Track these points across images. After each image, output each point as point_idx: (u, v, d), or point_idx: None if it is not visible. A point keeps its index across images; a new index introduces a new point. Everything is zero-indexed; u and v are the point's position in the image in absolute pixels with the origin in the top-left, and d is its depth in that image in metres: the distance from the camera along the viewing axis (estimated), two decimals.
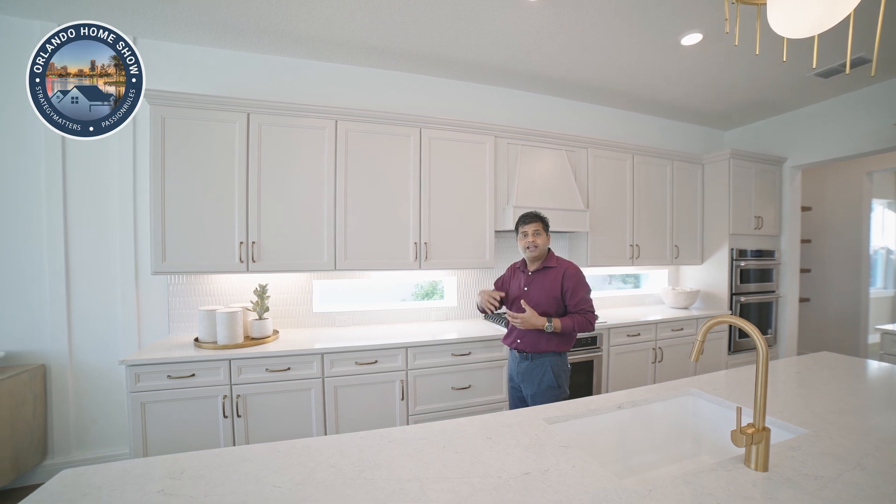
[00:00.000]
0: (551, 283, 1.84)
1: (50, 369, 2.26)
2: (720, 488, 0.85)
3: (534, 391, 1.83)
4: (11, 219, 2.19)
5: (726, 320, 1.00)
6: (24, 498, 0.82)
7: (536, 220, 1.86)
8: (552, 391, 1.81)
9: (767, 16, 0.91)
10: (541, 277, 1.87)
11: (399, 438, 1.09)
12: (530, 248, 1.86)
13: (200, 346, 2.10)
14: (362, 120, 2.45)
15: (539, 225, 1.86)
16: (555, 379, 1.81)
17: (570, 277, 1.83)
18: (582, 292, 1.82)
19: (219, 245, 2.22)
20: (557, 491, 0.84)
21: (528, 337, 1.83)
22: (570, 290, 1.81)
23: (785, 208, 3.70)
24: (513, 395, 1.99)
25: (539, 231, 1.85)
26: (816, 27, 0.85)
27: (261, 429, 2.05)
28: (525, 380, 1.86)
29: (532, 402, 1.84)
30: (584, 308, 1.82)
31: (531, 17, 2.22)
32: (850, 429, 1.13)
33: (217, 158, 2.21)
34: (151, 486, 0.87)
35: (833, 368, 1.72)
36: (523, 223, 1.88)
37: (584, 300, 1.82)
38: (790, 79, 2.98)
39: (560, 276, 1.84)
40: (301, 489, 0.85)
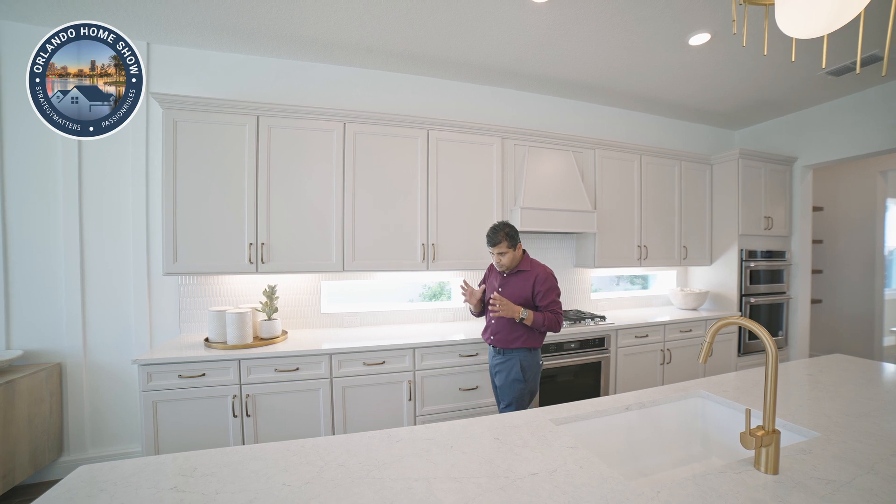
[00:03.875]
0: (523, 285, 1.97)
1: (65, 368, 2.31)
2: (729, 490, 0.84)
3: (502, 383, 1.99)
4: (30, 222, 2.25)
5: (735, 321, 1.00)
6: (43, 493, 0.84)
7: (499, 243, 1.95)
8: (517, 384, 1.94)
9: (775, 16, 0.90)
10: (514, 280, 2.00)
11: (407, 438, 1.09)
12: (498, 266, 2.02)
13: (211, 347, 2.13)
14: (370, 122, 2.48)
15: (503, 245, 1.95)
16: (521, 373, 1.94)
17: (541, 282, 1.95)
18: (552, 296, 1.96)
19: (229, 246, 2.25)
20: (565, 492, 0.84)
21: (502, 333, 1.97)
22: (542, 293, 1.94)
23: (796, 208, 3.65)
24: (494, 388, 2.13)
25: (503, 251, 1.95)
26: (825, 27, 0.84)
27: (270, 428, 2.07)
28: (498, 373, 2.01)
29: (500, 393, 2.02)
30: (554, 309, 1.95)
31: (539, 18, 2.22)
32: (863, 432, 1.11)
33: (227, 161, 2.24)
34: (164, 482, 0.88)
35: (846, 371, 1.70)
36: (489, 245, 1.98)
37: (554, 302, 1.96)
38: (800, 77, 2.94)
39: (532, 279, 1.96)
40: (310, 487, 0.87)
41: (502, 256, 1.96)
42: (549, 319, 1.92)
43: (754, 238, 3.48)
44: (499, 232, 1.95)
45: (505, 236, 1.94)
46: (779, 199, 3.59)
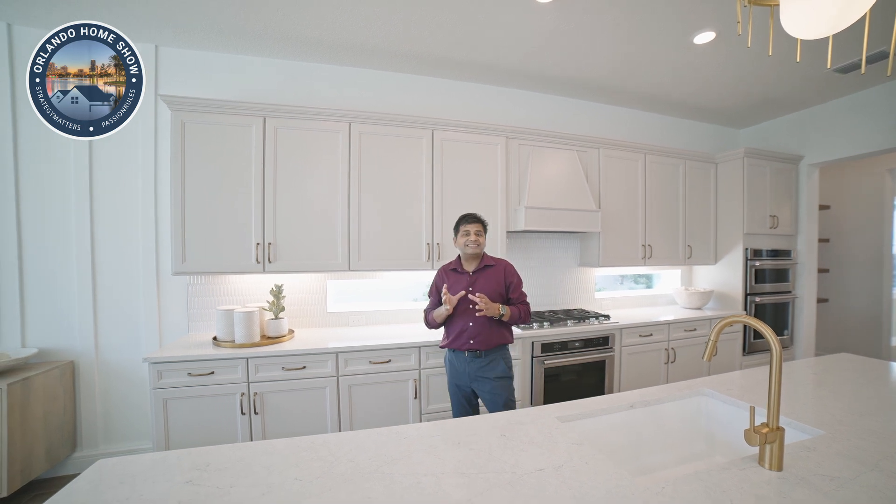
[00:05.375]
0: (496, 280, 1.94)
1: (78, 366, 2.36)
2: (733, 486, 0.85)
3: (490, 385, 1.88)
4: (44, 224, 2.29)
5: (740, 320, 1.01)
6: (63, 486, 0.87)
7: (478, 222, 1.94)
8: (506, 381, 1.91)
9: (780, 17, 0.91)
10: (484, 276, 1.94)
11: (414, 435, 1.11)
12: (470, 246, 1.91)
13: (219, 345, 2.16)
14: (375, 122, 2.50)
15: (480, 226, 1.94)
16: (506, 368, 1.92)
17: (511, 273, 1.96)
18: (521, 286, 1.98)
19: (236, 246, 2.28)
20: (571, 487, 0.86)
21: (483, 335, 1.88)
22: (514, 284, 1.95)
23: (801, 207, 3.63)
24: (459, 398, 1.97)
25: (480, 232, 1.93)
26: (830, 28, 0.85)
27: (277, 426, 2.10)
28: (478, 378, 1.90)
29: (491, 398, 1.88)
30: (524, 300, 1.97)
31: (543, 18, 2.22)
32: (868, 431, 1.12)
33: (234, 162, 2.27)
34: (179, 476, 0.91)
35: (851, 370, 1.70)
36: (465, 223, 1.93)
37: (523, 294, 1.98)
38: (806, 76, 2.93)
39: (502, 272, 1.95)
40: (322, 482, 0.89)
41: (479, 236, 1.91)
42: (524, 312, 1.93)
43: (759, 237, 3.46)
44: (476, 216, 1.96)
45: (481, 221, 1.95)
46: (784, 198, 3.57)
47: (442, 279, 2.01)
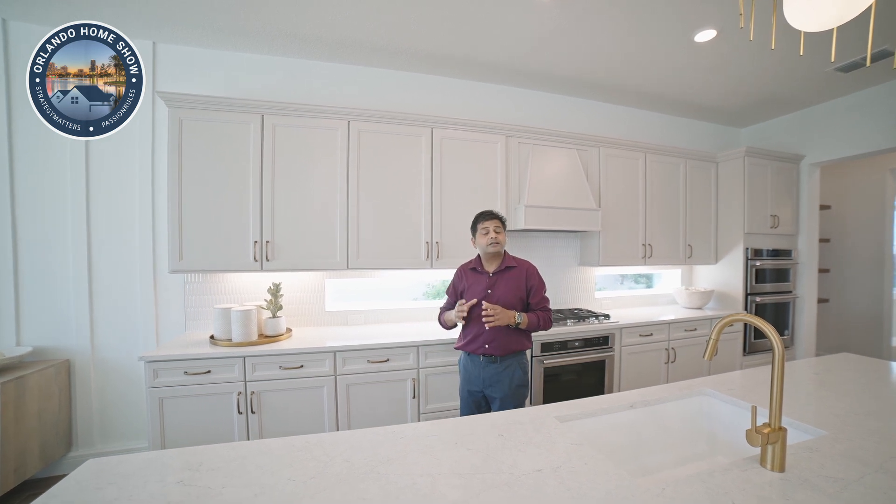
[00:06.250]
0: (516, 282, 1.84)
1: (74, 364, 2.34)
2: (735, 487, 0.84)
3: (504, 393, 1.80)
4: (39, 221, 2.28)
5: (742, 318, 0.99)
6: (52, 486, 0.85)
7: (497, 218, 1.86)
8: (522, 389, 1.83)
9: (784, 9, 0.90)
10: (504, 278, 1.85)
11: (411, 435, 1.10)
12: (492, 245, 1.82)
13: (216, 344, 2.15)
14: (375, 120, 2.48)
15: (498, 222, 1.86)
16: (523, 376, 1.84)
17: (533, 276, 1.86)
18: (543, 290, 1.88)
19: (234, 244, 2.26)
20: (569, 488, 0.84)
21: (499, 340, 1.79)
22: (535, 288, 1.85)
23: (802, 207, 3.61)
24: (469, 403, 1.90)
25: (499, 228, 1.85)
26: (835, 20, 0.83)
27: (274, 425, 2.08)
28: (493, 384, 1.81)
29: (502, 405, 1.80)
30: (545, 306, 1.88)
31: (543, 16, 2.21)
32: (872, 431, 1.10)
33: (232, 159, 2.26)
34: (171, 477, 0.89)
35: (853, 370, 1.68)
36: (483, 220, 1.86)
37: (545, 298, 1.89)
38: (809, 74, 2.91)
39: (524, 275, 1.86)
40: (316, 483, 0.87)
41: (499, 234, 1.83)
42: (543, 319, 1.83)
43: (760, 236, 3.45)
44: (494, 212, 1.87)
45: (500, 217, 1.87)
46: (785, 198, 3.56)
47: (461, 278, 1.96)
